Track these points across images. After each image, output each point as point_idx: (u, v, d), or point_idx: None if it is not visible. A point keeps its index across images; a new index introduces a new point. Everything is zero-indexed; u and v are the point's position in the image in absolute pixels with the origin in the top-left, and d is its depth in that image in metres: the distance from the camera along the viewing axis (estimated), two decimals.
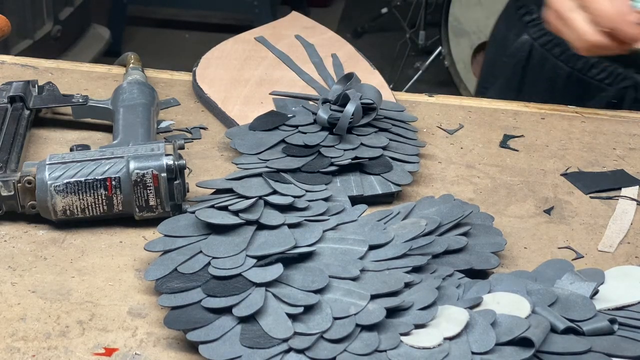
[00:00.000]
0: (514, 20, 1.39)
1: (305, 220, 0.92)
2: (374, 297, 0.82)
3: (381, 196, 1.04)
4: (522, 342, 0.77)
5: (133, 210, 0.96)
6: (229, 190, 0.96)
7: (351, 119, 1.08)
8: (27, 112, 1.13)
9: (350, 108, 1.08)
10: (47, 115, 1.19)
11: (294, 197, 0.96)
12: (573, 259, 0.96)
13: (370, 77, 1.24)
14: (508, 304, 0.82)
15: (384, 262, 0.87)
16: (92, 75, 1.30)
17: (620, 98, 1.32)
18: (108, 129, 1.14)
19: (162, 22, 3.82)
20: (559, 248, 0.98)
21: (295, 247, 0.87)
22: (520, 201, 1.07)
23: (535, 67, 1.36)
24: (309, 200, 0.96)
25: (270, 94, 1.22)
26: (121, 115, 1.09)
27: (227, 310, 0.81)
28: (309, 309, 0.81)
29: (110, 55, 3.02)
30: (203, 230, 0.91)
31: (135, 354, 0.81)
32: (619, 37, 1.09)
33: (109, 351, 0.81)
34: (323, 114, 1.10)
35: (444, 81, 3.89)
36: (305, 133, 1.10)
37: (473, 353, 0.77)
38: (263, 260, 0.86)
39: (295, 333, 0.79)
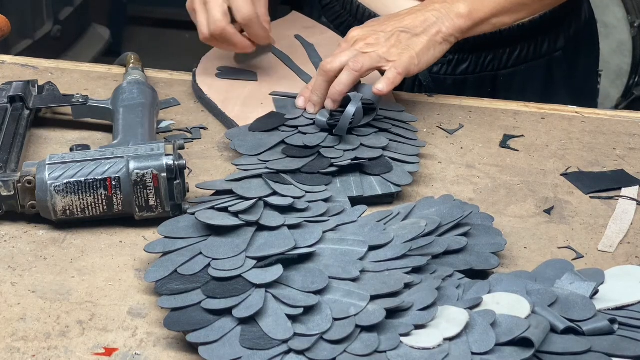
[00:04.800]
0: (316, 4, 1.45)
1: (305, 221, 0.92)
2: (373, 297, 0.82)
3: (381, 197, 1.04)
4: (522, 342, 0.77)
5: (133, 210, 0.96)
6: (229, 192, 0.96)
7: (351, 119, 1.08)
8: (27, 112, 1.12)
9: (351, 109, 1.08)
10: (47, 115, 1.19)
11: (294, 198, 0.96)
12: (573, 259, 0.96)
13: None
14: (508, 305, 0.82)
15: (383, 263, 0.87)
16: (92, 75, 1.30)
17: None
18: (108, 129, 1.14)
19: (162, 22, 3.82)
20: (559, 248, 0.98)
21: (295, 248, 0.87)
22: (520, 201, 1.07)
23: None
24: (309, 201, 0.96)
25: (270, 94, 1.22)
26: (121, 115, 1.09)
27: (227, 312, 0.81)
28: (308, 310, 0.81)
29: (110, 55, 3.01)
30: (203, 232, 0.91)
31: (135, 354, 0.81)
32: (249, 34, 1.19)
33: (109, 351, 0.81)
34: (321, 117, 1.10)
35: None
36: (305, 134, 1.10)
37: (473, 353, 0.77)
38: (263, 262, 0.86)
39: (295, 334, 0.79)
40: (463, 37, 1.20)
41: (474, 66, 1.34)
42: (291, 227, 0.91)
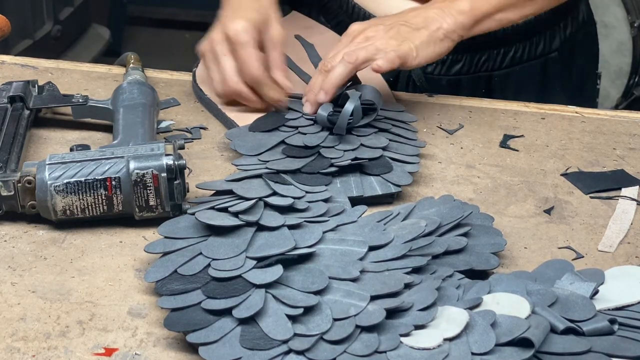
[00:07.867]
0: (314, 3, 1.44)
1: (305, 221, 0.92)
2: (373, 298, 0.82)
3: (381, 197, 1.04)
4: (522, 342, 0.77)
5: (133, 210, 0.96)
6: (229, 192, 0.96)
7: (351, 118, 1.08)
8: (27, 112, 1.13)
9: (349, 107, 1.08)
10: (47, 115, 1.19)
11: (294, 198, 0.96)
12: (573, 259, 0.96)
13: (371, 77, 1.24)
14: (508, 305, 0.82)
15: (383, 263, 0.87)
16: (92, 75, 1.30)
17: (395, 77, 1.35)
18: (108, 129, 1.14)
19: (162, 22, 3.82)
20: (559, 248, 0.98)
21: (295, 248, 0.87)
22: (520, 201, 1.07)
23: None
24: (309, 202, 0.96)
25: None
26: (121, 115, 1.09)
27: (227, 312, 0.81)
28: (308, 310, 0.81)
29: (110, 55, 3.01)
30: (203, 232, 0.91)
31: (135, 354, 0.81)
32: (259, 93, 1.15)
33: (109, 351, 0.81)
34: (323, 113, 1.10)
35: None
36: (305, 134, 1.10)
37: (473, 354, 0.77)
38: (263, 262, 0.86)
39: (295, 334, 0.79)
40: (468, 34, 1.19)
41: (468, 66, 1.34)
42: (291, 227, 0.91)
